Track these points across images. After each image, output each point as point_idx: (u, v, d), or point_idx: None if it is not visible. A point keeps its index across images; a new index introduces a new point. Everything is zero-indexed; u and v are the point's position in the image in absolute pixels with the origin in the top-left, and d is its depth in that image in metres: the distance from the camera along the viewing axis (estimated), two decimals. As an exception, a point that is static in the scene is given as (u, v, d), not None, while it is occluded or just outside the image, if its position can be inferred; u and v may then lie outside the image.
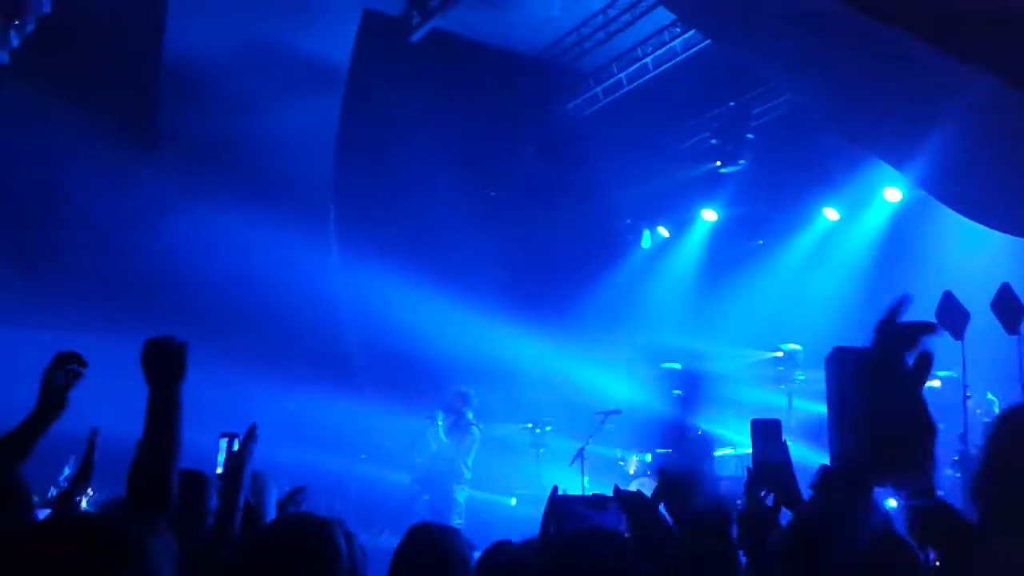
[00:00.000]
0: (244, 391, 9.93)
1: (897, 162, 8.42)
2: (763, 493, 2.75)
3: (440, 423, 9.56)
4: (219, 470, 3.38)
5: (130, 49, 10.62)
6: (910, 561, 2.11)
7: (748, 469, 2.83)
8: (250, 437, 3.23)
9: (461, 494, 9.51)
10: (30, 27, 8.53)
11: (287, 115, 11.19)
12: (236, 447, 3.29)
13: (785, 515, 2.79)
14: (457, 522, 9.20)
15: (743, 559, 2.75)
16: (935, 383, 8.47)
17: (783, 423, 3.01)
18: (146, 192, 10.70)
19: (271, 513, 3.58)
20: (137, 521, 1.39)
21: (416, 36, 11.42)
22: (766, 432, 2.86)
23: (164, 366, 2.32)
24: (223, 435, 3.45)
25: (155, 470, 2.09)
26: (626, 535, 2.12)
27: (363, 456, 10.98)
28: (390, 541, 3.47)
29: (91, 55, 10.10)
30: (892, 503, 4.36)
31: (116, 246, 10.44)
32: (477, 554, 3.18)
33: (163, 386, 2.32)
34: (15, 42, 9.21)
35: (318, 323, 11.32)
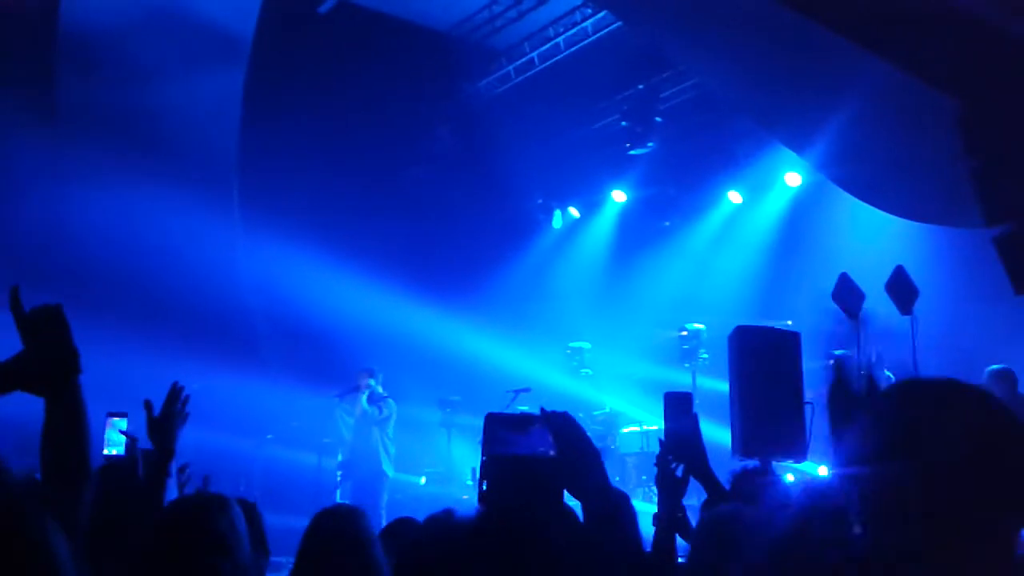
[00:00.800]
0: (143, 370, 9.64)
1: (797, 146, 8.67)
2: (673, 464, 2.82)
3: (363, 396, 9.47)
4: (107, 450, 3.27)
5: (25, 16, 10.12)
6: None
7: (660, 440, 2.91)
8: (174, 398, 3.06)
9: (390, 468, 9.43)
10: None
11: (190, 85, 10.83)
12: (125, 427, 3.18)
13: (694, 484, 2.86)
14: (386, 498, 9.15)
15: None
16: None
17: None
18: (42, 163, 10.24)
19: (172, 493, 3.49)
20: (36, 502, 1.31)
21: (324, 7, 11.18)
22: (678, 405, 2.95)
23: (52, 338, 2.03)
24: (110, 414, 3.33)
25: (68, 445, 1.98)
26: (551, 455, 2.17)
27: (270, 436, 10.79)
28: (300, 522, 3.43)
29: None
30: (790, 478, 4.52)
31: (9, 218, 9.97)
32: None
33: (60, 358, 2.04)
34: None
35: (222, 300, 11.03)
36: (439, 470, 11.49)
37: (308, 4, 11.14)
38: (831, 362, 7.66)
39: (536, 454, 2.19)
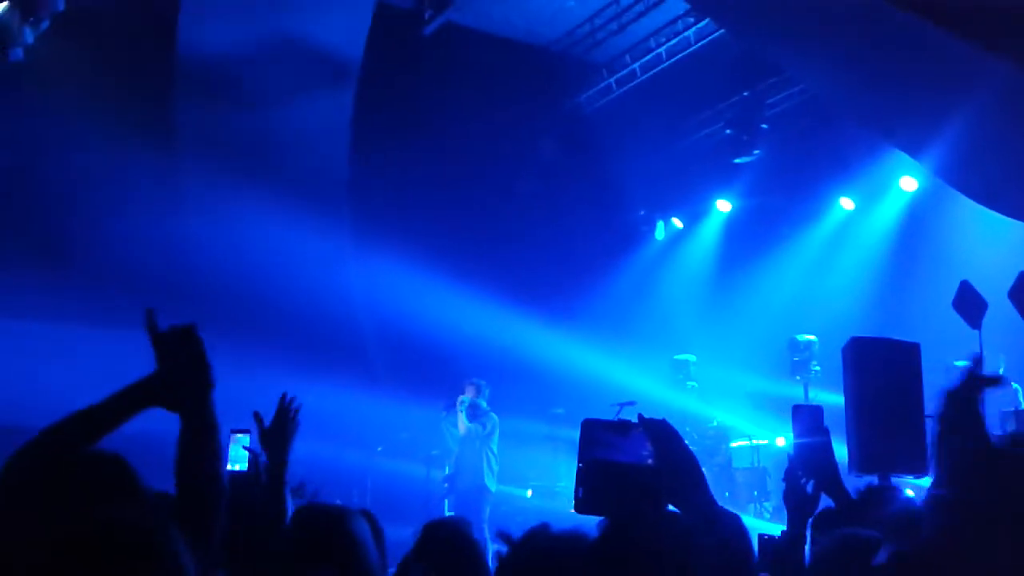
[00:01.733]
0: (258, 385, 9.95)
1: (914, 150, 8.36)
2: (804, 479, 2.75)
3: (462, 410, 9.54)
4: (230, 466, 3.36)
5: (144, 44, 10.66)
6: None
7: (789, 455, 2.85)
8: (284, 409, 3.13)
9: (492, 483, 9.47)
10: (45, 24, 8.59)
11: (301, 109, 11.22)
12: (248, 443, 3.27)
13: (825, 500, 2.79)
14: (488, 512, 9.20)
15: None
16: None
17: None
18: (161, 187, 10.76)
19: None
20: (167, 523, 1.37)
21: (429, 29, 11.42)
22: (808, 418, 2.89)
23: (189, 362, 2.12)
24: (233, 431, 3.42)
25: (205, 468, 2.07)
26: (650, 462, 2.15)
27: (380, 449, 11.02)
28: (408, 533, 3.50)
29: (105, 51, 10.14)
30: (910, 493, 4.35)
31: (131, 241, 10.50)
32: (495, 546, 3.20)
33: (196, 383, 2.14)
34: (30, 39, 9.28)
35: (334, 316, 11.35)
36: (545, 483, 11.50)
37: (414, 27, 11.40)
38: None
39: (634, 462, 2.17)
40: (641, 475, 2.14)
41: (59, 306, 10.77)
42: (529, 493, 11.37)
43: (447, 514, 9.56)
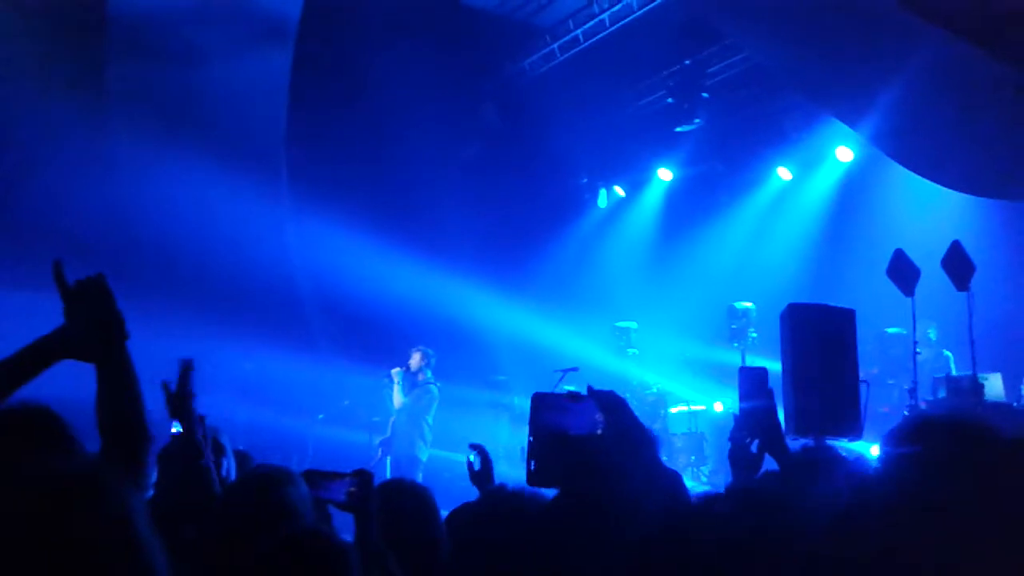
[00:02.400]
0: (197, 350, 9.79)
1: (851, 119, 8.49)
2: (748, 439, 2.79)
3: (399, 382, 9.52)
4: (174, 429, 3.34)
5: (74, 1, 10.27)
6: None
7: (734, 416, 2.88)
8: (186, 375, 3.13)
9: (424, 453, 9.51)
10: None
11: (237, 67, 10.92)
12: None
13: (768, 461, 2.83)
14: (419, 479, 9.22)
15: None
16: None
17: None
18: (92, 145, 10.42)
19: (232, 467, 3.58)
20: (114, 470, 1.32)
21: (371, -12, 11.19)
22: (753, 380, 2.91)
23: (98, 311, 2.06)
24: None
25: (125, 416, 2.02)
26: (599, 432, 2.17)
27: (321, 416, 10.93)
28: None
29: (34, 5, 9.75)
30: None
31: (61, 200, 10.17)
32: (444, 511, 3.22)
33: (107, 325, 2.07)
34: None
35: (273, 280, 11.18)
36: (488, 450, 11.53)
37: (353, -16, 11.16)
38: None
39: (584, 432, 2.18)
40: (591, 445, 2.15)
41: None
42: (472, 458, 11.40)
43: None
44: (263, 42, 11.10)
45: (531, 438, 2.33)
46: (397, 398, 9.52)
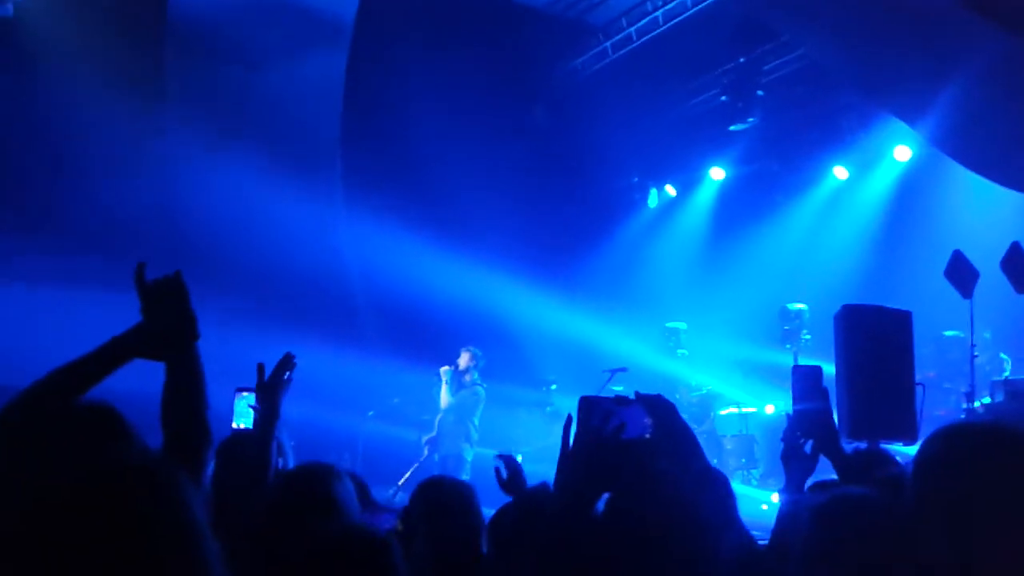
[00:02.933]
0: (250, 346, 9.93)
1: (910, 117, 8.33)
2: (802, 440, 2.75)
3: (447, 381, 9.57)
4: (235, 423, 3.42)
5: (135, 1, 10.52)
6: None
7: (788, 416, 2.83)
8: (285, 366, 3.21)
9: (469, 453, 9.55)
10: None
11: (293, 68, 11.09)
12: (253, 401, 3.32)
13: (823, 462, 2.78)
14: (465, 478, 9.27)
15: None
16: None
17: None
18: (152, 145, 10.65)
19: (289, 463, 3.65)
20: (173, 464, 1.37)
21: (423, -12, 11.28)
22: (807, 380, 2.86)
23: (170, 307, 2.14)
24: (238, 389, 3.49)
25: (190, 414, 2.08)
26: (648, 436, 2.17)
27: (371, 413, 11.04)
28: (404, 499, 3.55)
29: (95, 6, 10.00)
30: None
31: (123, 199, 10.41)
32: (489, 510, 3.23)
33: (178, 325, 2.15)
34: (18, -7, 9.16)
35: (326, 278, 11.32)
36: (536, 449, 11.55)
37: (408, -15, 11.25)
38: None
39: (633, 436, 2.19)
40: (639, 449, 2.15)
41: (46, 267, 10.69)
42: (519, 458, 11.41)
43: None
44: (319, 43, 11.25)
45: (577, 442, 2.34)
46: (445, 397, 9.57)
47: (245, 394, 3.45)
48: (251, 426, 3.31)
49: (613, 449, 2.17)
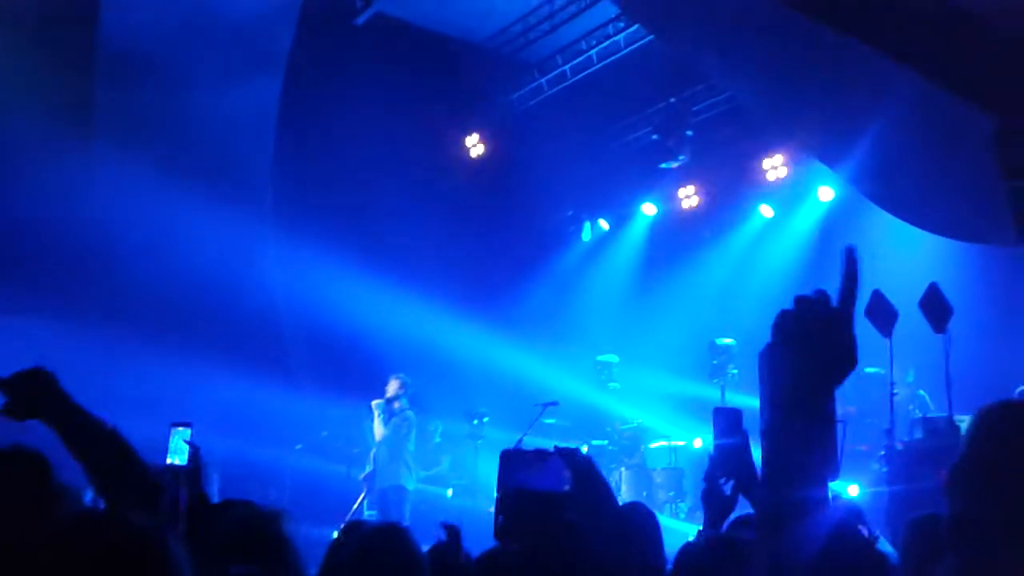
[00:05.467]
0: (176, 378, 9.73)
1: (830, 159, 8.61)
2: (723, 480, 2.80)
3: (379, 414, 9.45)
4: (170, 459, 3.36)
5: (65, 23, 10.30)
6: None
7: (710, 456, 2.88)
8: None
9: (410, 482, 9.39)
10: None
11: (226, 94, 10.96)
12: (188, 436, 3.26)
13: (742, 502, 2.83)
14: (407, 510, 9.13)
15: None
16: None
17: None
18: (79, 170, 10.40)
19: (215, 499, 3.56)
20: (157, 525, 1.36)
21: (360, 19, 11.30)
22: (728, 420, 2.92)
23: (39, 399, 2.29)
24: (173, 424, 3.44)
25: (126, 469, 2.07)
26: (566, 489, 2.19)
27: (299, 446, 10.84)
28: (327, 532, 3.47)
29: (24, 29, 9.78)
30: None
31: (46, 225, 10.12)
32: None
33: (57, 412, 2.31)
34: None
35: (253, 309, 11.13)
36: (466, 483, 11.48)
37: (344, 16, 11.26)
38: None
39: (551, 489, 2.21)
40: (557, 501, 2.17)
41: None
42: (450, 492, 11.34)
43: (366, 514, 9.45)
44: (253, 69, 11.15)
45: (499, 493, 2.35)
46: (378, 430, 9.45)
47: (180, 429, 3.40)
48: (185, 462, 3.26)
49: (532, 500, 2.19)
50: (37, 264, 10.29)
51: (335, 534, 3.23)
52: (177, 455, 3.40)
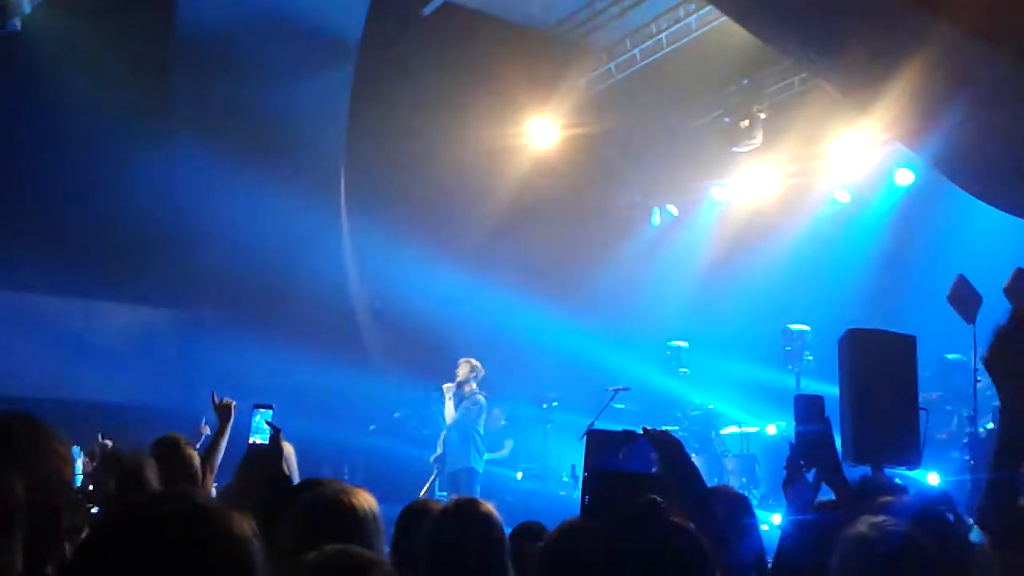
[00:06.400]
0: (252, 359, 10.01)
1: (911, 142, 8.37)
2: (804, 467, 2.78)
3: (450, 397, 9.57)
4: (252, 438, 3.53)
5: (142, 16, 10.58)
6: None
7: (790, 443, 2.86)
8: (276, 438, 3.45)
9: (479, 464, 9.53)
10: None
11: (300, 85, 11.16)
12: (270, 418, 3.46)
13: (824, 490, 2.81)
14: (477, 491, 9.25)
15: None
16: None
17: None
18: (158, 160, 10.72)
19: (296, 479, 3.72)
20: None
21: (428, 9, 11.35)
22: (809, 407, 2.90)
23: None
24: (255, 406, 3.62)
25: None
26: (654, 471, 2.20)
27: (372, 427, 11.05)
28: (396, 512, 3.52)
29: (102, 22, 10.06)
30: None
31: (129, 213, 10.46)
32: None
33: None
34: (27, 9, 9.21)
35: (328, 293, 11.36)
36: (535, 466, 11.56)
37: (412, 6, 11.33)
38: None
39: (638, 471, 2.22)
40: (644, 483, 2.18)
41: (48, 280, 10.72)
42: (519, 475, 11.43)
43: (437, 495, 9.58)
44: (325, 59, 11.33)
45: (585, 473, 2.37)
46: (449, 413, 9.58)
47: (262, 411, 3.57)
48: (267, 441, 3.42)
49: (619, 481, 2.20)
50: (117, 249, 10.63)
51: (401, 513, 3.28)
52: (259, 434, 3.57)
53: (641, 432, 2.26)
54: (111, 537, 1.26)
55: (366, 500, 2.59)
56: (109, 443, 6.43)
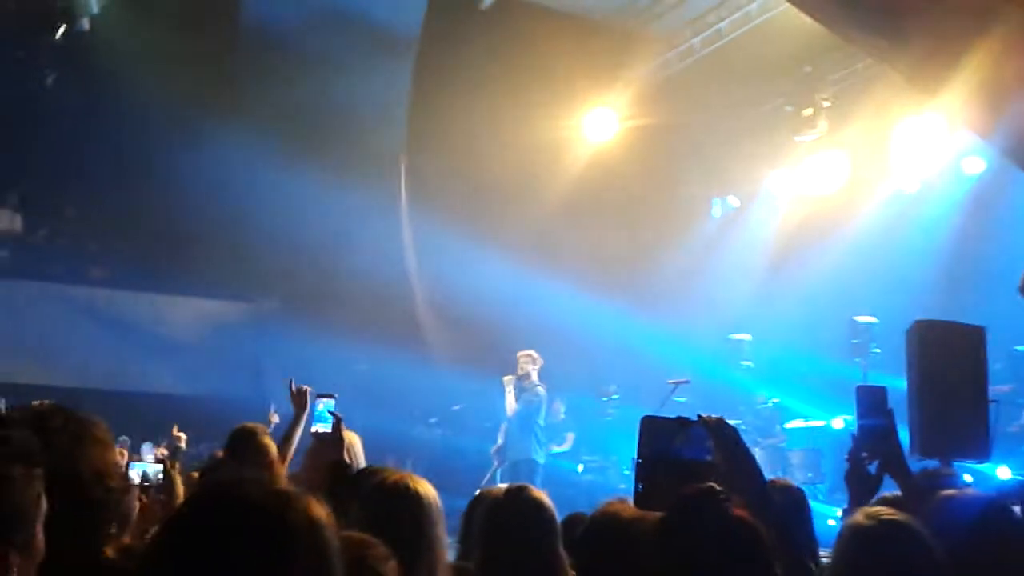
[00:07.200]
0: (314, 351, 10.18)
1: (982, 129, 8.15)
2: (867, 460, 2.73)
3: (510, 390, 9.62)
4: (315, 427, 3.63)
5: (206, 14, 10.80)
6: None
7: (852, 435, 2.82)
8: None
9: (540, 456, 9.57)
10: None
11: (360, 79, 11.29)
12: (332, 407, 3.56)
13: (888, 483, 2.76)
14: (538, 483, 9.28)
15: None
16: None
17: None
18: (221, 156, 10.95)
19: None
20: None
21: (486, 2, 11.38)
22: (871, 399, 2.85)
23: None
24: (319, 396, 3.73)
25: None
26: (708, 459, 2.19)
27: (433, 420, 11.15)
28: (459, 503, 3.59)
29: (168, 20, 10.30)
30: (967, 478, 4.29)
31: (194, 210, 10.71)
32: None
33: None
34: (94, 9, 9.48)
35: (388, 286, 11.49)
36: (596, 458, 11.55)
37: (471, 1, 11.38)
38: None
39: (692, 458, 2.21)
40: (700, 471, 2.17)
41: (119, 274, 11.03)
42: (580, 468, 11.43)
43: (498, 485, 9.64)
44: (385, 55, 11.43)
45: (639, 460, 2.36)
46: (510, 405, 9.62)
47: (325, 400, 3.66)
48: (329, 430, 3.51)
49: (673, 468, 2.19)
50: (193, 248, 10.90)
51: (468, 505, 3.33)
52: (321, 423, 3.66)
53: (696, 419, 2.25)
54: (196, 520, 1.29)
55: (428, 488, 2.64)
56: (183, 437, 6.65)
